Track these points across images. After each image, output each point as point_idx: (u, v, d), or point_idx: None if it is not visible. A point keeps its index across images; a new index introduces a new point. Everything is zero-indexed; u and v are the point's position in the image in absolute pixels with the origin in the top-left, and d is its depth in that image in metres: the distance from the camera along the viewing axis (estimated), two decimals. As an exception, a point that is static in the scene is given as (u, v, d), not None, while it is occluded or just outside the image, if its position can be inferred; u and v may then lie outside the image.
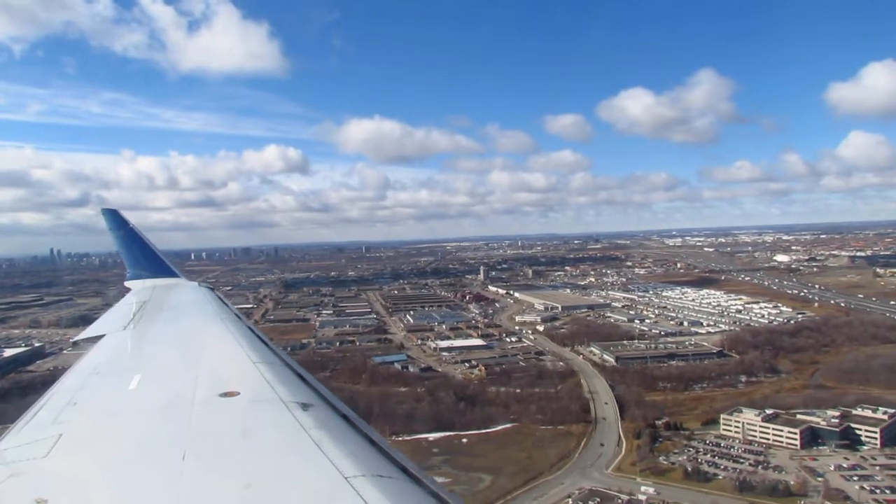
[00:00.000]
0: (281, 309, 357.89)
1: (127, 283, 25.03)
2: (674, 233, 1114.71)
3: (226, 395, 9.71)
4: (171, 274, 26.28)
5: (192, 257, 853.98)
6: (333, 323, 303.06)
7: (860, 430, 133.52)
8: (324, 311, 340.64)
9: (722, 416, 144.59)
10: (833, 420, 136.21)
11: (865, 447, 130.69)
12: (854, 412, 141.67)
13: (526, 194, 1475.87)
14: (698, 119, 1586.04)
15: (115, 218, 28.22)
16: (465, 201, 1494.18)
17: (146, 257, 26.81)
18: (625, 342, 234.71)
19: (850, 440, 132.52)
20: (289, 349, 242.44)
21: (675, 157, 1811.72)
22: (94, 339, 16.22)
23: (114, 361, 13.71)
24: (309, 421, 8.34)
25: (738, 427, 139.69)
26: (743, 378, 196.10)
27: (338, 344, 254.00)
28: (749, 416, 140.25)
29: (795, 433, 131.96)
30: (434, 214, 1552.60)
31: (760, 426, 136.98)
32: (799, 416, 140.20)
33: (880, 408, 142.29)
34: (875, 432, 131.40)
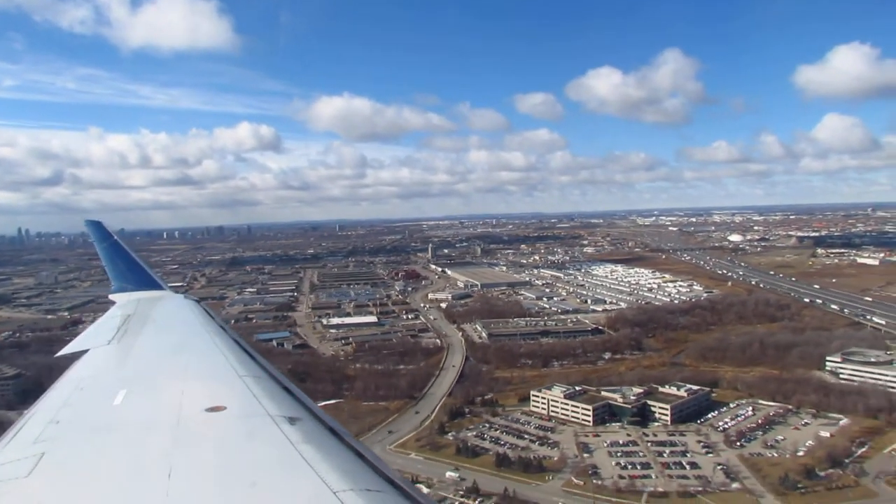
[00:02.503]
0: (209, 287, 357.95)
1: (111, 297, 24.58)
2: (655, 213, 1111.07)
3: (212, 409, 9.53)
4: (156, 286, 25.54)
5: (165, 236, 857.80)
6: (246, 301, 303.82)
7: (655, 407, 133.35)
8: (247, 290, 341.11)
9: (532, 392, 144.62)
10: (632, 398, 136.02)
11: (657, 423, 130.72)
12: (660, 389, 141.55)
13: (506, 173, 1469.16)
14: (668, 99, 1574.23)
15: (98, 230, 27.72)
16: (446, 180, 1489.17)
17: (130, 269, 26.05)
18: (511, 320, 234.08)
19: (644, 417, 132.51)
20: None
21: (650, 138, 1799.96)
22: (78, 354, 15.79)
23: (98, 377, 13.42)
24: (296, 435, 8.23)
25: (544, 404, 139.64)
26: (607, 355, 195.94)
27: (233, 322, 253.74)
28: (556, 393, 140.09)
29: (589, 410, 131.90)
30: (417, 193, 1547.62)
31: (562, 403, 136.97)
32: (603, 393, 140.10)
33: (686, 385, 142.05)
34: (667, 409, 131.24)
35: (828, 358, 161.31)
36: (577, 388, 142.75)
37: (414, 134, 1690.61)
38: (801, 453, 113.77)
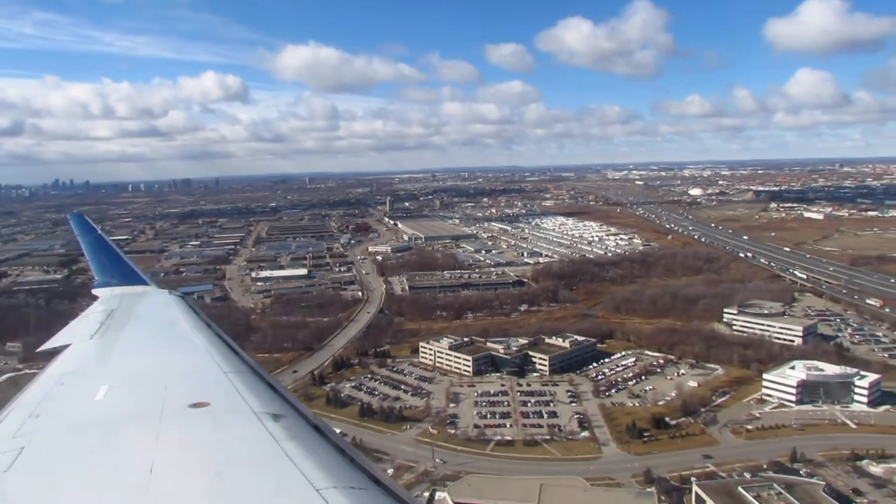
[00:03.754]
0: (154, 240, 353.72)
1: (95, 291, 23.68)
2: (630, 167, 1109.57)
3: (195, 405, 9.39)
4: (140, 281, 24.72)
5: (130, 189, 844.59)
6: (184, 254, 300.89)
7: (535, 358, 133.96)
8: (190, 243, 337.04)
9: (420, 344, 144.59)
10: (513, 349, 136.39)
11: (535, 374, 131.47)
12: (546, 340, 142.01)
13: (481, 126, 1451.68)
14: (639, 52, 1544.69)
15: (81, 223, 27.54)
16: (421, 132, 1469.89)
17: (114, 264, 25.37)
18: (437, 273, 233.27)
19: (525, 367, 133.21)
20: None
21: (624, 91, 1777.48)
22: (60, 350, 15.40)
23: (80, 372, 13.12)
24: (280, 432, 8.10)
25: (431, 355, 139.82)
26: (523, 308, 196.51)
27: (162, 275, 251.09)
28: (442, 344, 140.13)
29: (469, 360, 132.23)
30: (392, 146, 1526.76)
31: (446, 354, 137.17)
32: (488, 345, 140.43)
33: (572, 336, 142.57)
34: (545, 360, 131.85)
35: (725, 310, 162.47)
36: (465, 340, 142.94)
37: (385, 85, 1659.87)
38: (661, 403, 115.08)
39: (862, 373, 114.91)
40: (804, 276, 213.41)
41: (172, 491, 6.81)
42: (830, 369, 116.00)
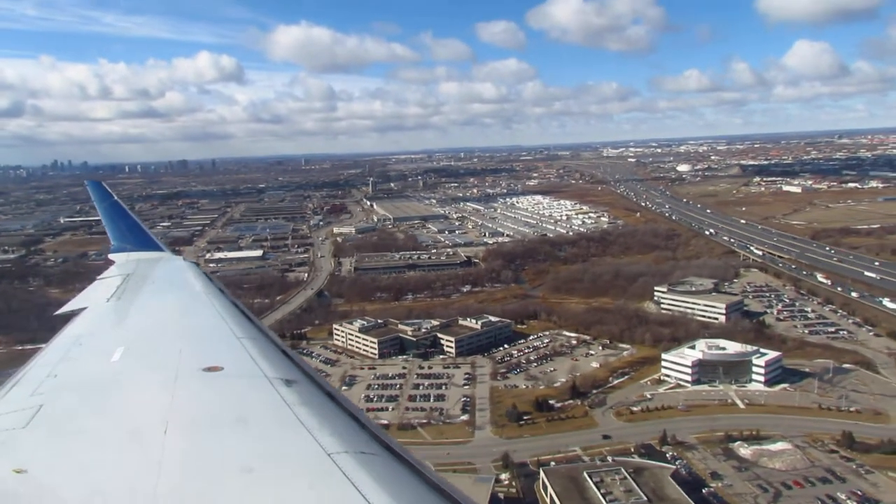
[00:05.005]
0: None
1: (111, 256, 24.30)
2: (630, 143, 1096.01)
3: (209, 369, 9.45)
4: (156, 247, 25.34)
5: (126, 170, 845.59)
6: (162, 234, 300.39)
7: (443, 340, 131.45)
8: (161, 224, 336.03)
9: (334, 326, 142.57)
10: (422, 331, 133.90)
11: (441, 357, 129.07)
12: (460, 322, 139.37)
13: (479, 105, 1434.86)
14: (631, 27, 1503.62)
15: (98, 190, 27.94)
16: (419, 112, 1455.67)
17: (130, 230, 25.89)
18: (390, 254, 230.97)
19: (433, 349, 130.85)
20: (62, 259, 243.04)
21: (621, 67, 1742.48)
22: (77, 312, 15.63)
23: (96, 334, 13.41)
24: (292, 397, 8.15)
25: (343, 338, 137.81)
26: (465, 288, 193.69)
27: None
28: (353, 326, 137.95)
29: (374, 343, 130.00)
30: (392, 126, 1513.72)
31: (356, 336, 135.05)
32: (400, 326, 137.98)
33: (485, 318, 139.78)
34: (452, 342, 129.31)
35: (656, 288, 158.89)
36: (379, 322, 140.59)
37: (379, 65, 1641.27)
38: (556, 384, 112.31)
39: (762, 350, 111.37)
40: (760, 253, 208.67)
41: (186, 452, 6.79)
42: (733, 347, 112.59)
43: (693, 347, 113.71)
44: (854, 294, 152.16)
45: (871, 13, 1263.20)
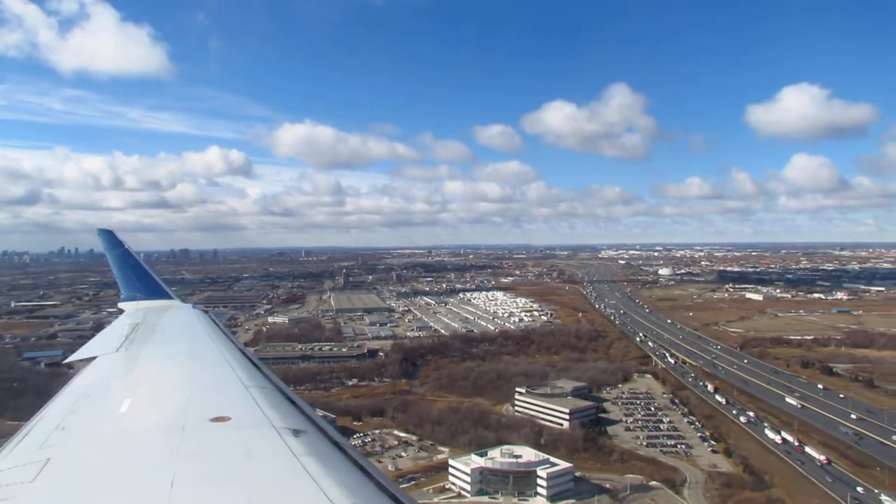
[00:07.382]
0: (83, 306, 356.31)
1: (120, 305, 24.89)
2: (637, 246, 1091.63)
3: (217, 419, 9.33)
4: (165, 296, 26.02)
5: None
6: (80, 320, 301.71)
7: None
8: (106, 309, 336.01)
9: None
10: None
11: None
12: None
13: (485, 204, 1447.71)
14: (625, 135, 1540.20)
15: (109, 238, 28.22)
16: (426, 209, 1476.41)
17: (140, 278, 26.43)
18: (300, 344, 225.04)
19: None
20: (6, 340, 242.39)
21: (619, 172, 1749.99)
22: (87, 361, 15.81)
23: (105, 384, 13.35)
24: (300, 448, 8.12)
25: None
26: (352, 381, 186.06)
27: (32, 339, 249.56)
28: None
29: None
30: (401, 222, 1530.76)
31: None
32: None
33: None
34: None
35: (517, 389, 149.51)
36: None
37: (382, 163, 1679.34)
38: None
39: (553, 461, 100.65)
40: (672, 361, 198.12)
41: None
42: (527, 455, 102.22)
43: (483, 455, 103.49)
44: (720, 398, 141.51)
45: (862, 130, 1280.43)
